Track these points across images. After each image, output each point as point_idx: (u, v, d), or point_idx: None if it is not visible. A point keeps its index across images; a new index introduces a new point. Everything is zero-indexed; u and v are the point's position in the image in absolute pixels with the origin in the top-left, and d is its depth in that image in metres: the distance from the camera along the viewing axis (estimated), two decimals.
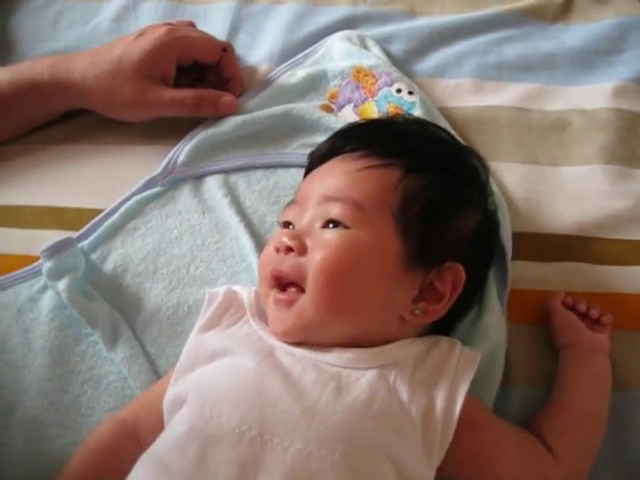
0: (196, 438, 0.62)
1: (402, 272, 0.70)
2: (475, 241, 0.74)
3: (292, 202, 0.76)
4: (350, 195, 0.70)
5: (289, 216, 0.75)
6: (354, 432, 0.62)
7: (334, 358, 0.67)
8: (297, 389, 0.64)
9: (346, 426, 0.62)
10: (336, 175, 0.73)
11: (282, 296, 0.70)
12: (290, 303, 0.69)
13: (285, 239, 0.70)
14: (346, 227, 0.69)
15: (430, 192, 0.71)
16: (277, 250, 0.71)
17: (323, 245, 0.69)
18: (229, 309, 0.75)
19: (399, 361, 0.68)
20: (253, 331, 0.72)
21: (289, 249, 0.70)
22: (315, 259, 0.68)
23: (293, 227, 0.74)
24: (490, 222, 0.79)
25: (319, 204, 0.72)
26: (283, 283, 0.70)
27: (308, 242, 0.70)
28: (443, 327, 0.74)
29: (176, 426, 0.65)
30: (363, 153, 0.74)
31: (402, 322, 0.71)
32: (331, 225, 0.70)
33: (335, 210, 0.70)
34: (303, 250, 0.69)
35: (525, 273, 0.85)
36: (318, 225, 0.71)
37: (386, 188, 0.71)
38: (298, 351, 0.68)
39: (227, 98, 0.95)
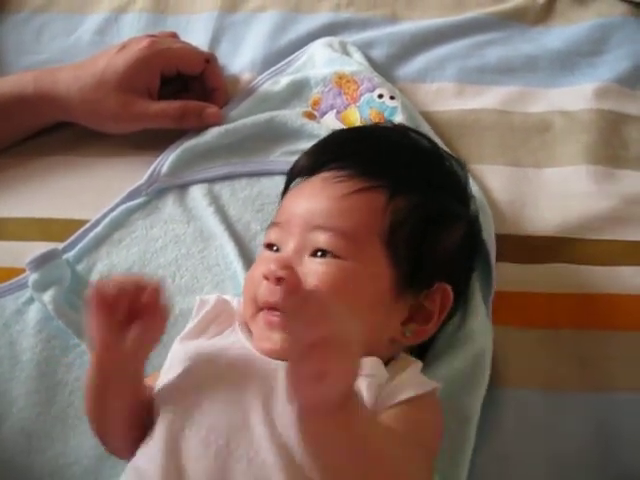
0: (167, 447, 0.62)
1: (394, 298, 0.70)
2: (461, 255, 0.75)
3: (275, 224, 0.75)
4: (339, 225, 0.69)
5: (272, 237, 0.74)
6: None
7: None
8: (270, 398, 0.63)
9: None
10: (321, 201, 0.72)
11: (274, 318, 0.69)
12: (282, 326, 0.68)
13: (274, 268, 0.69)
14: (336, 256, 0.69)
15: (417, 214, 0.71)
16: (266, 278, 0.70)
17: (316, 277, 0.68)
18: (217, 318, 0.75)
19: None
20: (238, 339, 0.72)
21: (280, 279, 0.69)
22: None
23: (277, 249, 0.73)
24: (473, 230, 0.79)
25: (306, 232, 0.70)
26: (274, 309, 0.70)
27: (299, 272, 0.69)
28: None
29: (150, 436, 0.65)
30: (347, 174, 0.73)
31: (392, 343, 0.71)
32: (319, 254, 0.69)
33: (324, 239, 0.69)
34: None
35: (510, 275, 0.85)
36: (307, 253, 0.70)
37: (374, 214, 0.70)
38: (279, 362, 0.67)
39: (212, 109, 0.95)
